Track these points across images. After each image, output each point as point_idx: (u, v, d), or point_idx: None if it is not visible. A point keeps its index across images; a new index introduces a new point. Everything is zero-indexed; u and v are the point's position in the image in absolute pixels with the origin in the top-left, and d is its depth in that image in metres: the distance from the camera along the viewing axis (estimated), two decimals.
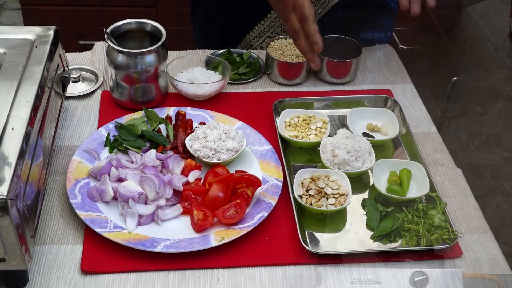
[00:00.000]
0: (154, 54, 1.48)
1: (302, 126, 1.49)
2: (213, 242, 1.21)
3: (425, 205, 1.30)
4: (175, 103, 1.57)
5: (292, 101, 1.56)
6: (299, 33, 1.41)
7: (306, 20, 1.38)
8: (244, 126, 1.48)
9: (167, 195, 1.29)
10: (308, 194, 1.31)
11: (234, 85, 1.66)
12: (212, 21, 1.84)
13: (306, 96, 1.61)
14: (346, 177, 1.34)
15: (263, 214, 1.27)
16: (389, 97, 1.59)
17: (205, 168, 1.39)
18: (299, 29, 1.40)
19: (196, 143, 1.39)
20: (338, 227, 1.29)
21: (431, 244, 1.24)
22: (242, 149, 1.40)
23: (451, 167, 1.46)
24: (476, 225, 1.32)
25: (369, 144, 1.42)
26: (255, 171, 1.39)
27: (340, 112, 1.58)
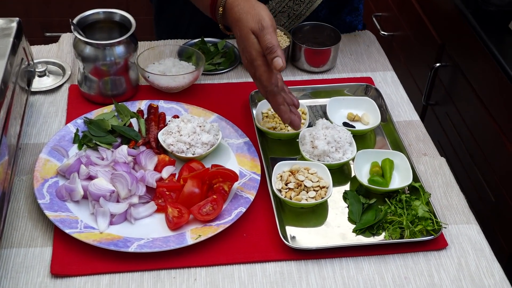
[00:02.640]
0: (123, 45, 1.47)
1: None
2: (189, 240, 1.21)
3: (408, 196, 1.31)
4: (147, 96, 1.56)
5: None
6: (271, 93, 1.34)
7: (271, 93, 1.33)
8: (219, 119, 1.47)
9: (140, 192, 1.29)
10: (287, 188, 1.31)
11: (208, 76, 1.65)
12: (183, 31, 1.81)
13: None
14: (326, 169, 1.34)
15: (240, 209, 1.27)
16: (369, 85, 1.60)
17: (180, 163, 1.38)
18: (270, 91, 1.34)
19: (170, 137, 1.39)
20: (319, 221, 1.29)
21: (415, 236, 1.25)
22: (218, 143, 1.40)
23: (434, 156, 1.47)
24: (461, 215, 1.33)
25: (349, 134, 1.42)
26: (232, 165, 1.38)
27: (319, 101, 1.58)
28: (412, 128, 1.54)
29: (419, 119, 1.57)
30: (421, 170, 1.43)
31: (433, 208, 1.29)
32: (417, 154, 1.47)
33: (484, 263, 1.24)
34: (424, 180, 1.40)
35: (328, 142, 1.38)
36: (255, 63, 1.30)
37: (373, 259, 1.24)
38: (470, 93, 2.00)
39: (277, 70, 1.26)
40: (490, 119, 1.89)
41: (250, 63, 1.31)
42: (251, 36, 1.29)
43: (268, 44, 1.27)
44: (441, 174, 1.42)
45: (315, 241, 1.25)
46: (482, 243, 1.28)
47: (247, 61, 1.32)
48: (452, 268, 1.23)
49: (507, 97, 1.80)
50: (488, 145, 1.93)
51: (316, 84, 1.62)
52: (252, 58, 1.30)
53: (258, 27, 1.28)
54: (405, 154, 1.40)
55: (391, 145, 1.47)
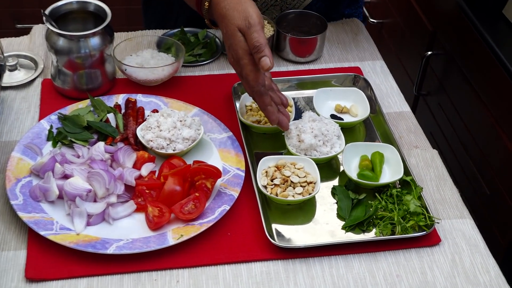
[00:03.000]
0: (98, 36, 1.47)
1: None
2: (170, 241, 1.21)
3: (399, 190, 1.32)
4: (124, 89, 1.56)
5: None
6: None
7: (258, 94, 1.33)
8: (201, 113, 1.48)
9: (118, 191, 1.29)
10: (273, 184, 1.32)
11: (189, 68, 1.65)
12: (172, 22, 1.81)
13: None
14: (313, 163, 1.35)
15: (224, 207, 1.28)
16: (358, 76, 1.60)
17: (160, 160, 1.38)
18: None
19: (149, 133, 1.39)
20: (307, 218, 1.30)
21: (407, 232, 1.26)
22: (200, 138, 1.40)
23: (426, 148, 1.48)
24: (454, 210, 1.34)
25: (337, 127, 1.43)
26: (215, 161, 1.39)
27: (305, 93, 1.59)
28: (402, 120, 1.55)
29: (410, 110, 1.58)
30: (412, 163, 1.44)
31: (425, 203, 1.30)
32: (408, 146, 1.48)
33: (479, 259, 1.25)
34: (415, 173, 1.41)
35: (315, 136, 1.39)
36: (241, 62, 1.30)
37: (363, 256, 1.25)
38: (464, 82, 2.01)
39: (265, 70, 1.26)
40: (484, 109, 1.91)
41: (236, 62, 1.32)
42: (237, 34, 1.29)
43: (256, 43, 1.27)
44: (433, 167, 1.43)
45: (303, 239, 1.26)
46: (476, 238, 1.29)
47: (233, 59, 1.32)
48: (446, 264, 1.24)
49: (502, 86, 1.81)
50: (482, 136, 1.94)
51: (302, 74, 1.63)
52: (238, 56, 1.30)
53: (245, 25, 1.28)
54: (395, 146, 1.41)
55: (381, 138, 1.48)
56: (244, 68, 1.31)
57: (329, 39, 1.77)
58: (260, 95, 1.33)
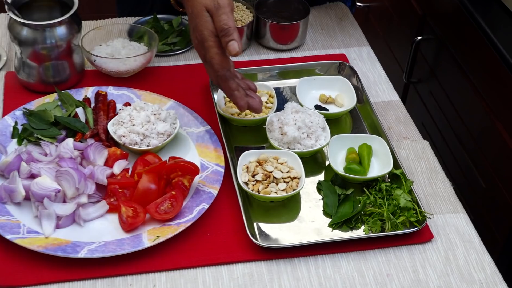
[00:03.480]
0: (65, 25, 1.47)
1: None
2: (146, 243, 1.22)
3: (388, 184, 1.33)
4: (94, 82, 1.56)
5: None
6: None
7: (223, 79, 1.32)
8: (176, 105, 1.48)
9: (89, 190, 1.29)
10: (254, 180, 1.33)
11: (163, 58, 1.65)
12: (147, 8, 1.80)
13: (248, 66, 1.61)
14: (297, 157, 1.36)
15: (203, 206, 1.28)
16: (343, 63, 1.61)
17: (133, 157, 1.38)
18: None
19: (121, 128, 1.39)
20: (291, 215, 1.31)
21: (398, 229, 1.27)
22: (176, 132, 1.40)
23: (417, 139, 1.49)
24: (447, 204, 1.35)
25: (322, 118, 1.44)
26: (192, 156, 1.39)
27: (287, 82, 1.59)
28: (391, 109, 1.56)
29: (399, 99, 1.59)
30: (402, 155, 1.45)
31: (416, 197, 1.31)
32: (397, 138, 1.49)
33: (474, 255, 1.27)
34: (405, 166, 1.42)
35: (298, 128, 1.39)
36: (206, 44, 1.30)
37: (351, 255, 1.26)
38: (456, 68, 2.02)
39: (232, 54, 1.26)
40: (478, 97, 1.92)
41: (201, 44, 1.31)
42: (204, 14, 1.29)
43: (224, 25, 1.27)
44: (424, 159, 1.44)
45: (287, 238, 1.27)
46: (471, 234, 1.30)
47: (197, 41, 1.32)
48: (439, 262, 1.25)
49: (496, 72, 1.83)
50: (477, 125, 1.95)
51: (284, 63, 1.63)
52: (203, 38, 1.30)
53: (213, 5, 1.28)
54: (384, 138, 1.42)
55: (368, 129, 1.49)
56: (208, 50, 1.30)
57: (312, 24, 1.78)
58: (225, 80, 1.32)
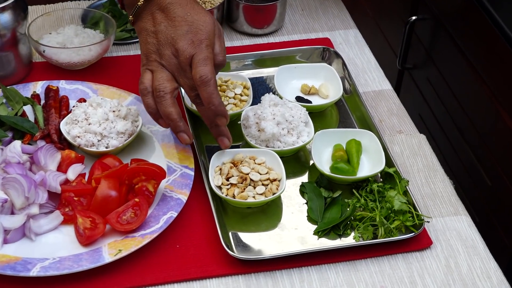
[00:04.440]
0: (9, 11, 1.46)
1: None
2: (106, 257, 1.22)
3: (381, 185, 1.34)
4: (44, 75, 1.56)
5: None
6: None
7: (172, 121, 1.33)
8: (138, 101, 1.48)
9: (40, 200, 1.29)
10: (229, 184, 1.33)
11: (122, 46, 1.65)
12: None
13: None
14: (277, 156, 1.37)
15: (171, 214, 1.29)
16: (327, 49, 1.62)
17: (90, 160, 1.39)
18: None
19: (76, 127, 1.39)
20: (271, 223, 1.32)
21: (392, 235, 1.28)
22: (138, 131, 1.41)
23: (412, 133, 1.51)
24: (447, 205, 1.37)
25: (304, 111, 1.45)
26: (157, 158, 1.40)
27: (264, 72, 1.60)
28: (383, 100, 1.58)
29: (391, 87, 1.61)
30: (396, 151, 1.46)
31: (413, 199, 1.33)
32: (390, 132, 1.51)
33: (478, 262, 1.28)
34: (400, 164, 1.44)
35: (277, 123, 1.40)
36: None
37: (340, 266, 1.27)
38: (456, 52, 2.04)
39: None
40: (481, 83, 1.93)
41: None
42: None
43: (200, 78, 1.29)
44: (421, 156, 1.46)
45: (268, 248, 1.27)
46: (474, 239, 1.32)
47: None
48: (439, 271, 1.27)
49: (500, 54, 1.84)
50: (480, 116, 1.96)
51: (260, 50, 1.64)
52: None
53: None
54: (375, 133, 1.43)
55: (357, 123, 1.50)
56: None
57: (291, 5, 1.78)
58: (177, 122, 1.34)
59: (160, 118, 1.33)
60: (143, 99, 1.33)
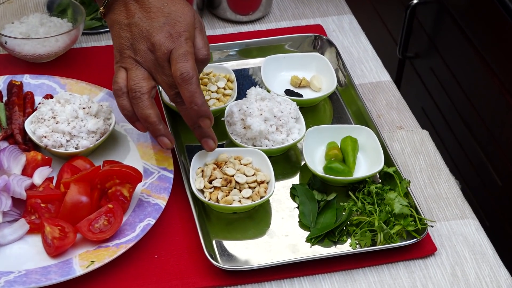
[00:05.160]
0: None
1: None
2: (78, 270, 1.22)
3: (380, 186, 1.35)
4: (6, 69, 1.56)
5: None
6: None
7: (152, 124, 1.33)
8: (111, 95, 1.48)
9: (3, 207, 1.28)
10: (212, 187, 1.34)
11: (92, 36, 1.65)
12: None
13: None
14: (265, 156, 1.37)
15: (148, 221, 1.29)
16: (320, 36, 1.63)
17: (58, 163, 1.39)
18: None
19: (42, 126, 1.39)
20: (259, 229, 1.32)
21: (392, 241, 1.29)
22: (111, 130, 1.41)
23: (414, 129, 1.51)
24: (453, 208, 1.38)
25: (295, 106, 1.45)
26: (133, 160, 1.40)
27: (250, 63, 1.61)
28: (381, 92, 1.58)
29: (390, 79, 1.61)
30: (396, 149, 1.47)
31: (415, 201, 1.33)
32: (389, 127, 1.51)
33: (487, 270, 1.29)
34: (400, 163, 1.44)
35: (265, 119, 1.40)
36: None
37: (336, 276, 1.27)
38: (462, 39, 2.04)
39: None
40: (490, 74, 1.93)
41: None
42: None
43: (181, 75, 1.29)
44: (423, 154, 1.47)
45: (255, 257, 1.28)
46: (483, 244, 1.33)
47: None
48: (444, 280, 1.28)
49: (511, 42, 1.85)
50: (489, 109, 1.97)
51: (245, 38, 1.65)
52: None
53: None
54: (372, 129, 1.44)
55: (353, 118, 1.51)
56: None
57: None
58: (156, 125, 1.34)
59: (137, 121, 1.33)
60: (118, 100, 1.32)
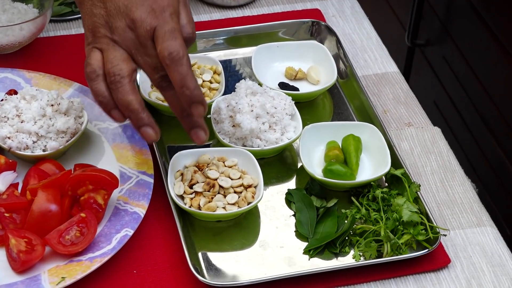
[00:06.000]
0: None
1: None
2: (46, 287, 1.22)
3: (386, 191, 1.35)
4: None
5: None
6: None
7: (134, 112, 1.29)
8: (83, 91, 1.49)
9: None
10: (193, 192, 1.34)
11: (61, 24, 1.65)
12: None
13: None
14: (251, 156, 1.37)
15: (126, 232, 1.29)
16: (318, 22, 1.63)
17: (24, 167, 1.39)
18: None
19: (5, 126, 1.39)
20: (250, 240, 1.33)
21: (401, 253, 1.29)
22: (83, 129, 1.41)
23: (424, 126, 1.52)
24: (468, 214, 1.38)
25: (290, 101, 1.45)
26: (108, 163, 1.41)
27: (239, 53, 1.62)
28: (388, 85, 1.58)
29: (397, 69, 1.61)
30: (404, 149, 1.48)
31: (426, 207, 1.34)
32: (397, 124, 1.52)
33: (507, 284, 1.29)
34: (409, 164, 1.45)
35: (257, 116, 1.41)
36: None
37: None
38: (478, 24, 2.04)
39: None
40: (510, 62, 1.94)
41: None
42: None
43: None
44: (435, 153, 1.47)
45: (246, 272, 1.28)
46: (502, 255, 1.33)
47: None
48: None
49: None
50: (509, 103, 1.97)
51: (234, 25, 1.65)
52: None
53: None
54: (378, 126, 1.44)
55: (356, 114, 1.52)
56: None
57: None
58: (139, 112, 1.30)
59: (114, 108, 1.29)
60: (91, 85, 1.28)
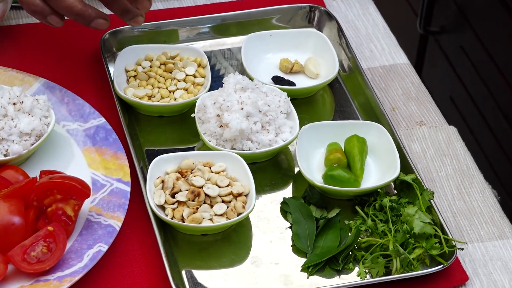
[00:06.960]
0: None
1: (159, 76, 1.52)
2: None
3: (395, 199, 1.36)
4: None
5: (137, 30, 1.60)
6: None
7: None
8: (49, 87, 1.50)
9: None
10: (175, 201, 1.34)
11: (23, 11, 1.66)
12: None
13: (164, 18, 1.64)
14: (242, 161, 1.38)
15: (99, 248, 1.29)
16: (317, 7, 1.64)
17: None
18: None
19: None
20: (241, 256, 1.33)
21: (412, 269, 1.29)
22: (49, 131, 1.41)
23: (438, 125, 1.53)
24: (489, 225, 1.39)
25: (285, 97, 1.46)
26: (78, 169, 1.41)
27: (228, 42, 1.62)
28: (397, 79, 1.59)
29: (407, 61, 1.62)
30: (415, 151, 1.48)
31: (440, 218, 1.35)
32: (407, 124, 1.53)
33: None
34: (421, 169, 1.46)
35: (247, 115, 1.41)
36: None
37: None
38: (500, 9, 2.05)
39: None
40: None
41: None
42: None
43: None
44: (450, 156, 1.48)
45: None
46: None
47: None
48: None
49: None
50: None
51: (222, 11, 1.66)
52: None
53: None
54: (385, 125, 1.45)
55: (360, 112, 1.53)
56: None
57: None
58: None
59: (51, 14, 1.37)
60: None
